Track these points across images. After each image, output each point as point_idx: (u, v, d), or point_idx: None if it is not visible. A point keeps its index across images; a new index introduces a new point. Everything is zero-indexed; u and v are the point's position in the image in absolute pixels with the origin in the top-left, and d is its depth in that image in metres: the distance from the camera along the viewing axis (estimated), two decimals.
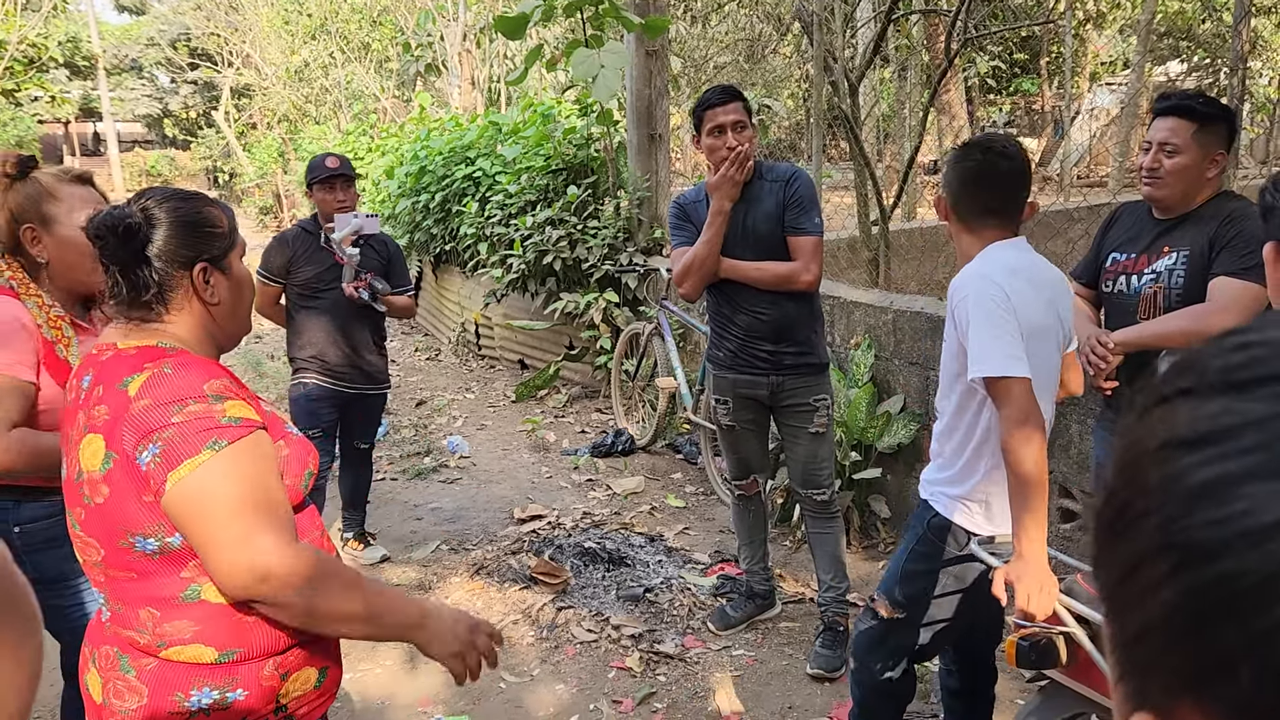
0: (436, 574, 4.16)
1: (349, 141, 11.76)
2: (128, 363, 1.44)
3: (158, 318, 1.51)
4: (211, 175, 29.63)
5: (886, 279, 5.55)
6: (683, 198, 3.45)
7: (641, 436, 5.75)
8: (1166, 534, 0.38)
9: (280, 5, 18.27)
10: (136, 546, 1.41)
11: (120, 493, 1.39)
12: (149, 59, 33.50)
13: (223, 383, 1.45)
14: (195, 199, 1.56)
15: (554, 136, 6.78)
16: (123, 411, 1.38)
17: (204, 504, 1.35)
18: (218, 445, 1.37)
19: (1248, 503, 0.35)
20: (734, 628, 3.61)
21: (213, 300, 1.53)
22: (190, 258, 1.50)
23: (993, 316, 2.07)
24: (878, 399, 4.26)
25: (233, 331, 1.61)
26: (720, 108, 3.12)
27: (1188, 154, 2.56)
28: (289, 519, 1.45)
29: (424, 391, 7.33)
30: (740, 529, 3.67)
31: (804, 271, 3.16)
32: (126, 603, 1.46)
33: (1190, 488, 0.38)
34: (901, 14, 6.17)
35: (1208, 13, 13.50)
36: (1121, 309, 2.75)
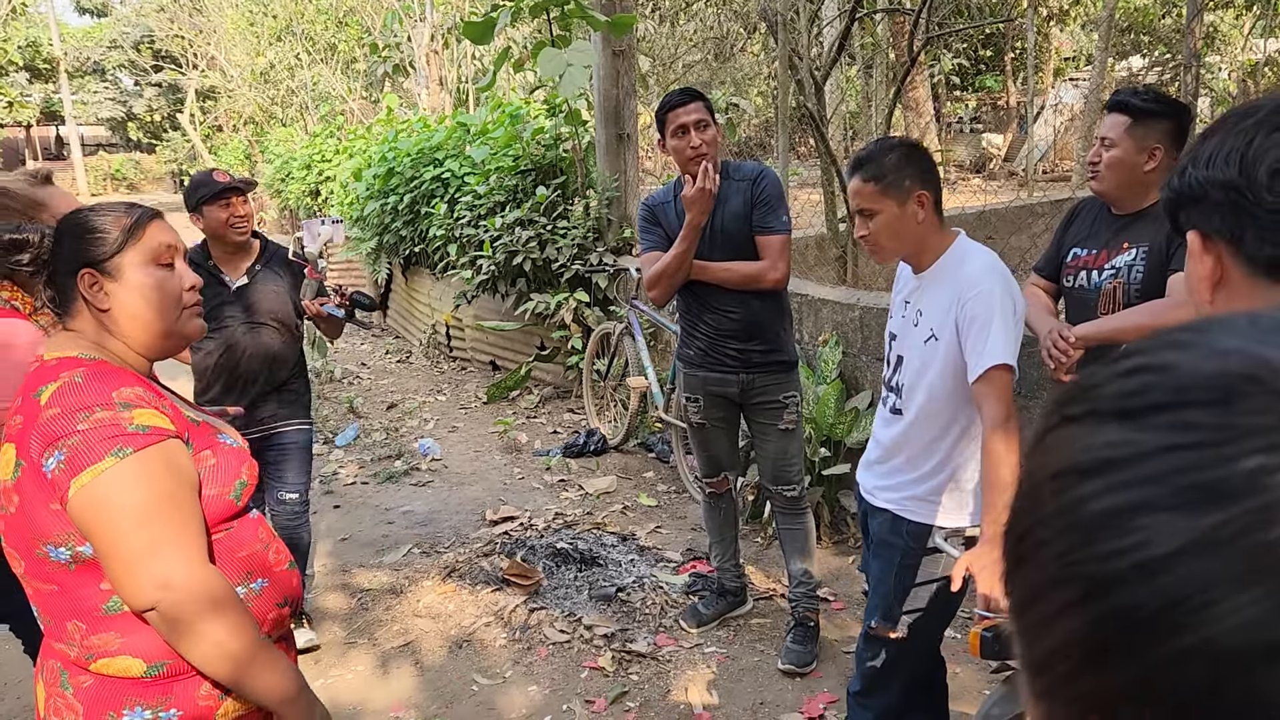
0: (408, 578, 4.15)
1: (316, 144, 11.67)
2: (46, 373, 1.43)
3: (68, 326, 1.52)
4: (177, 178, 29.30)
5: (855, 276, 5.60)
6: (651, 199, 3.45)
7: (613, 436, 5.76)
8: (1064, 565, 0.39)
9: (245, 7, 18.10)
10: (51, 556, 1.39)
11: (29, 501, 1.38)
12: (112, 61, 33.08)
13: (135, 391, 1.43)
14: (97, 208, 1.55)
15: (522, 137, 6.77)
16: (33, 420, 1.38)
17: (106, 511, 1.34)
18: (122, 453, 1.35)
19: (1142, 535, 0.36)
20: (706, 625, 3.63)
21: (101, 306, 1.50)
22: (75, 264, 1.49)
23: (1011, 312, 2.12)
24: (846, 395, 4.30)
25: (145, 340, 1.54)
26: (681, 108, 3.14)
27: (1121, 147, 2.64)
28: (198, 532, 1.43)
29: (395, 394, 7.30)
30: (711, 527, 3.69)
31: (771, 270, 3.19)
32: (54, 616, 1.45)
33: (1086, 519, 0.38)
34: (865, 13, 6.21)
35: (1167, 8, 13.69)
36: (1082, 304, 2.79)
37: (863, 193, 2.21)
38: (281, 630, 1.67)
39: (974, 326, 2.12)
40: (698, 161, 3.12)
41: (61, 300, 1.51)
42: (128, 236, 1.51)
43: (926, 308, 2.26)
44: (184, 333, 1.59)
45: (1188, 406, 0.37)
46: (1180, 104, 2.74)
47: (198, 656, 1.40)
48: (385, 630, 3.75)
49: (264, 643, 1.48)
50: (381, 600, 3.97)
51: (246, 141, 18.86)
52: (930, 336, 2.24)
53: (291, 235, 14.41)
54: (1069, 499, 0.39)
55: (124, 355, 1.53)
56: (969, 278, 2.17)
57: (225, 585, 1.43)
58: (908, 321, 2.32)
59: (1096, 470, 0.38)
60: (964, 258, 2.22)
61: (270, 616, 1.60)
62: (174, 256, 1.57)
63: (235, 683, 1.44)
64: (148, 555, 1.35)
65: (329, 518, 4.89)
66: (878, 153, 2.23)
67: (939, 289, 2.23)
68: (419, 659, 3.54)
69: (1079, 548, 0.38)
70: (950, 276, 2.21)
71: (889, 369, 2.41)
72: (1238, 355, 0.38)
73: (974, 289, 2.14)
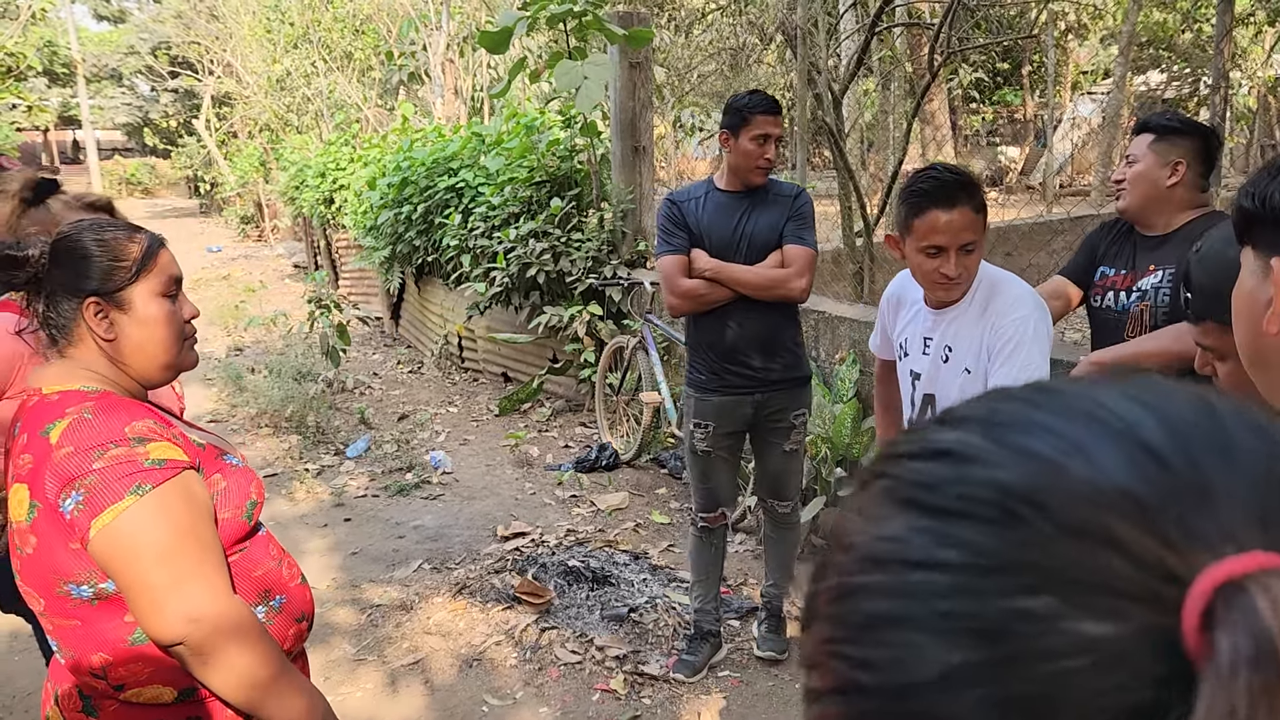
0: (418, 593, 4.11)
1: (331, 151, 11.67)
2: (50, 409, 1.40)
3: (64, 352, 1.48)
4: (192, 184, 29.42)
5: (871, 293, 5.54)
6: (678, 194, 3.32)
7: (626, 451, 5.71)
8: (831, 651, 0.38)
9: (262, 14, 18.16)
10: (73, 594, 1.38)
11: (48, 541, 1.36)
12: (129, 67, 33.28)
13: (146, 424, 1.40)
14: (102, 230, 1.49)
15: (537, 148, 6.74)
16: (45, 460, 1.35)
17: (130, 550, 1.32)
18: (141, 490, 1.33)
19: (896, 652, 0.35)
20: (700, 673, 3.46)
21: (107, 336, 1.47)
22: (80, 292, 1.45)
23: (1045, 342, 2.05)
24: (863, 415, 4.24)
25: (146, 371, 1.52)
26: (771, 117, 3.09)
27: (1144, 162, 2.63)
28: (220, 563, 1.41)
29: (406, 405, 7.27)
30: (697, 564, 3.53)
31: (796, 278, 3.14)
32: (77, 650, 1.42)
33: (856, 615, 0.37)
34: (885, 26, 6.17)
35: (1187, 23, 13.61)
36: (1109, 325, 2.74)
37: (973, 225, 2.05)
38: (299, 645, 1.67)
39: (1004, 354, 2.05)
40: (758, 172, 3.12)
41: (59, 325, 1.47)
42: (140, 268, 1.48)
43: (957, 342, 2.17)
44: (183, 365, 1.58)
45: (967, 519, 0.36)
46: (1204, 126, 2.71)
47: (224, 686, 1.39)
48: (395, 647, 3.70)
49: (288, 666, 1.47)
50: (392, 616, 3.93)
51: (261, 148, 18.91)
52: (965, 371, 2.16)
53: (305, 243, 14.45)
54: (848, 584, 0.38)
55: (124, 384, 1.50)
56: (1003, 306, 2.10)
57: (249, 614, 1.42)
58: (934, 359, 2.23)
59: (875, 563, 0.37)
60: (995, 287, 2.15)
61: (290, 633, 1.61)
62: (177, 287, 1.56)
63: (261, 709, 1.43)
64: (173, 591, 1.33)
65: (340, 531, 4.86)
66: (966, 181, 2.07)
67: (970, 321, 2.15)
68: (429, 678, 3.49)
69: (844, 642, 0.38)
70: (981, 307, 2.14)
71: (913, 410, 2.33)
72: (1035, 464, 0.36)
73: (1008, 315, 2.08)
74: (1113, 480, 0.34)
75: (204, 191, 27.05)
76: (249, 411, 6.78)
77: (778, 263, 3.16)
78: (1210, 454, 0.35)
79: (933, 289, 2.17)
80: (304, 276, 13.55)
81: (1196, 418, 0.37)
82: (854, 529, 0.40)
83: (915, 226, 2.07)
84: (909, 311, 2.33)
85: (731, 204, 3.21)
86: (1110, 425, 0.36)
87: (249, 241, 20.42)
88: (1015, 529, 0.34)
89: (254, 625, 1.41)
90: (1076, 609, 0.32)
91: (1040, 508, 0.34)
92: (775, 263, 3.16)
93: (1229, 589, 0.31)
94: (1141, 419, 0.36)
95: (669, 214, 3.27)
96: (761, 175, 3.16)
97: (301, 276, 13.98)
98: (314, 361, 7.56)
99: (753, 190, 3.21)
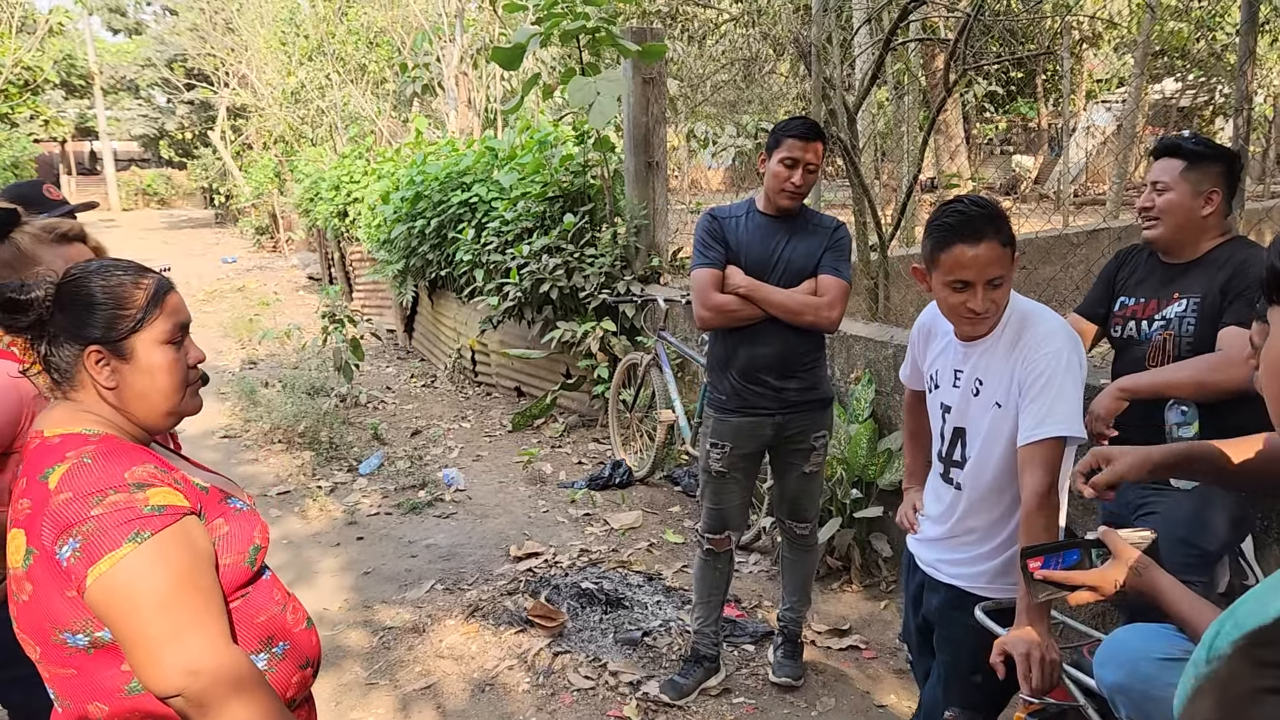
0: (431, 615, 4.08)
1: (345, 164, 11.71)
2: (51, 452, 1.38)
3: (67, 395, 1.46)
4: (208, 195, 29.60)
5: (886, 310, 5.51)
6: (720, 211, 3.30)
7: (639, 468, 5.68)
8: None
9: (277, 27, 18.27)
10: (69, 643, 1.35)
11: (43, 589, 1.33)
12: (145, 79, 33.53)
13: (147, 469, 1.37)
14: (108, 274, 1.45)
15: (551, 163, 6.74)
16: (43, 505, 1.32)
17: (128, 599, 1.29)
18: (140, 537, 1.30)
19: None
20: (688, 696, 3.41)
21: (108, 385, 1.44)
22: (83, 339, 1.42)
23: (1078, 378, 2.00)
24: (879, 435, 4.20)
25: (147, 418, 1.49)
26: (804, 142, 3.06)
27: (1177, 190, 2.58)
28: (220, 611, 1.38)
29: (419, 420, 7.26)
30: (701, 586, 3.49)
31: (828, 308, 3.12)
32: (73, 699, 1.40)
33: None
34: (900, 42, 6.14)
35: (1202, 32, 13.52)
36: (1130, 355, 2.70)
37: (1000, 259, 1.99)
38: (304, 692, 1.63)
39: (1035, 388, 2.00)
40: (784, 195, 3.10)
41: (61, 369, 1.45)
42: (144, 316, 1.45)
43: (987, 376, 2.12)
44: (185, 411, 1.55)
45: None
46: (1229, 150, 2.67)
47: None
48: (407, 671, 3.68)
49: (288, 718, 1.44)
50: (404, 639, 3.91)
51: (276, 160, 19.00)
52: (995, 405, 2.11)
53: (320, 255, 14.50)
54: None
55: (127, 428, 1.48)
56: (1036, 339, 2.05)
57: (249, 664, 1.38)
58: (964, 391, 2.18)
59: None
60: (1026, 319, 2.10)
61: (294, 680, 1.57)
62: (184, 333, 1.52)
63: None
64: (171, 641, 1.30)
65: (352, 549, 4.84)
66: (993, 214, 2.02)
67: (1000, 354, 2.10)
68: (441, 703, 3.47)
69: None
70: (1013, 340, 2.09)
71: (943, 442, 2.28)
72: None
73: (1041, 349, 2.02)
74: None
75: (219, 202, 27.21)
76: (262, 427, 6.78)
77: (811, 291, 3.15)
78: None
79: (959, 323, 2.13)
80: (318, 288, 13.58)
81: None
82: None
83: (941, 261, 2.03)
84: (940, 343, 2.29)
85: (772, 228, 3.20)
86: None
87: (264, 252, 20.50)
88: None
89: (254, 676, 1.38)
90: None
91: None
92: (809, 290, 3.15)
93: None
94: None
95: (709, 228, 3.24)
96: (788, 199, 3.12)
97: (316, 288, 14.02)
98: (327, 376, 7.56)
99: (794, 217, 3.20)
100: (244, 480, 5.68)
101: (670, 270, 6.37)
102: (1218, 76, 14.38)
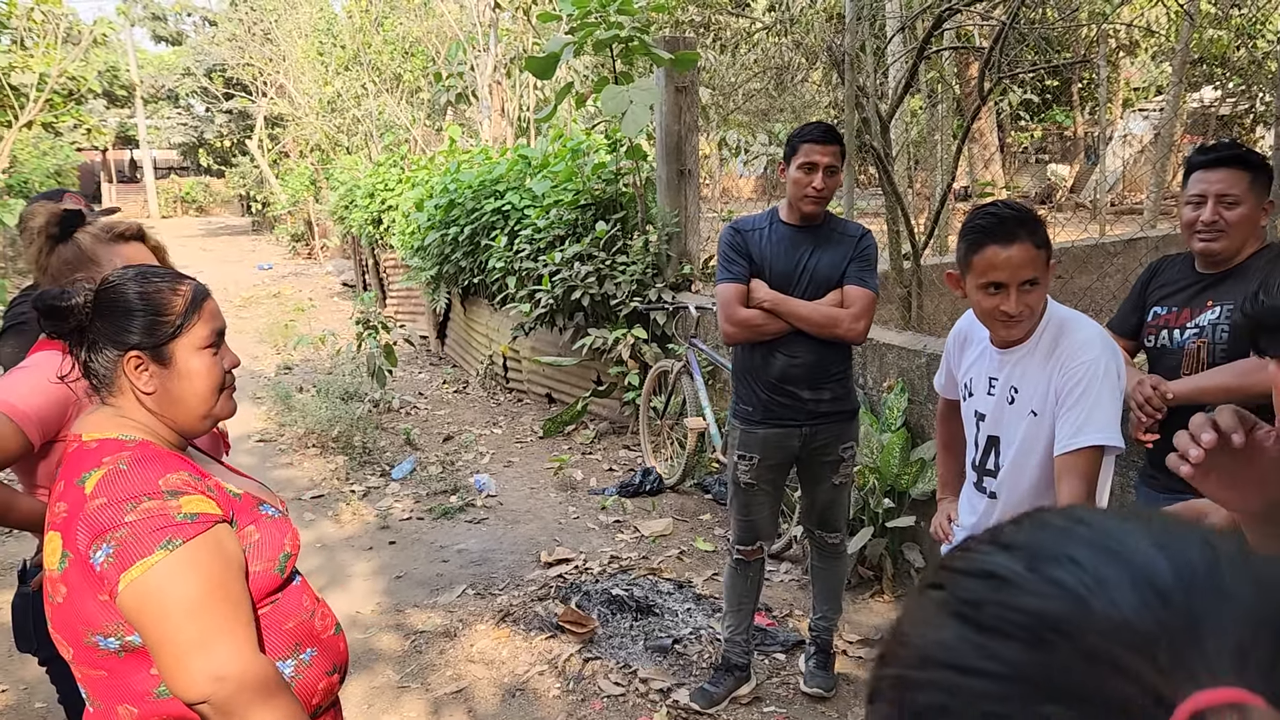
0: (462, 620, 4.11)
1: (380, 172, 11.83)
2: (88, 457, 1.40)
3: (105, 399, 1.49)
4: (245, 202, 29.99)
5: (919, 318, 5.48)
6: (741, 223, 3.27)
7: (670, 475, 5.68)
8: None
9: (314, 37, 18.51)
10: (100, 645, 1.37)
11: (77, 592, 1.36)
12: (185, 88, 34.04)
13: (181, 476, 1.40)
14: (146, 281, 1.48)
15: (583, 171, 6.77)
16: (79, 510, 1.35)
17: (158, 605, 1.31)
18: (172, 544, 1.32)
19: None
20: (718, 705, 3.40)
21: (146, 390, 1.46)
22: (122, 345, 1.45)
23: (1116, 386, 1.98)
24: (911, 444, 4.18)
25: (184, 423, 1.52)
26: (820, 145, 3.05)
27: (1246, 204, 2.53)
28: (248, 620, 1.40)
29: (451, 426, 7.31)
30: (731, 595, 3.48)
31: (854, 321, 3.10)
32: (104, 700, 1.42)
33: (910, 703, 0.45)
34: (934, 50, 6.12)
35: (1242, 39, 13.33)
36: (1165, 364, 2.67)
37: (1033, 261, 1.98)
38: (331, 698, 1.64)
39: (1072, 396, 1.99)
40: (807, 201, 3.08)
41: (100, 374, 1.48)
42: (182, 322, 1.48)
43: (1023, 384, 2.11)
44: (220, 415, 1.57)
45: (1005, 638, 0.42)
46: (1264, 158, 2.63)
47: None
48: (438, 675, 3.70)
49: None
50: (435, 643, 3.93)
51: (312, 168, 19.22)
52: (1031, 413, 2.09)
53: (354, 262, 14.64)
54: (907, 677, 0.45)
55: (164, 434, 1.50)
56: (1073, 347, 2.03)
57: (275, 672, 1.40)
58: (999, 399, 2.17)
59: (930, 663, 0.44)
60: (1063, 327, 2.08)
61: (321, 687, 1.58)
62: (220, 338, 1.55)
63: None
64: (199, 648, 1.31)
65: (384, 554, 4.88)
66: (1026, 217, 2.00)
67: (1037, 362, 2.09)
68: (472, 707, 3.49)
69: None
70: (1050, 348, 2.07)
71: (977, 451, 2.27)
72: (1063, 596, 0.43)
73: (1078, 358, 2.01)
74: (1124, 615, 0.41)
75: (256, 210, 27.56)
76: (297, 431, 6.86)
77: (837, 301, 3.13)
78: (1206, 596, 0.41)
79: (994, 327, 2.12)
80: (352, 295, 13.71)
81: (1201, 562, 0.43)
82: (913, 629, 0.47)
83: (974, 263, 2.02)
84: (975, 350, 2.28)
85: (796, 238, 3.17)
86: (1130, 564, 0.43)
87: (299, 259, 20.74)
88: (1043, 651, 0.41)
89: (279, 685, 1.39)
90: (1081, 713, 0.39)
91: (1065, 635, 0.41)
92: (834, 301, 3.13)
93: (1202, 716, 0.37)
94: (1155, 561, 0.43)
95: (732, 241, 3.21)
96: (811, 205, 3.10)
97: (350, 294, 14.16)
98: (361, 381, 7.63)
99: (817, 226, 3.18)
100: (278, 484, 5.75)
101: (701, 278, 6.38)
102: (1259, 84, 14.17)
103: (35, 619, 2.04)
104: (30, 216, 2.21)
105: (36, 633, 2.05)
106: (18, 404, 1.88)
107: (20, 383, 1.93)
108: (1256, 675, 0.39)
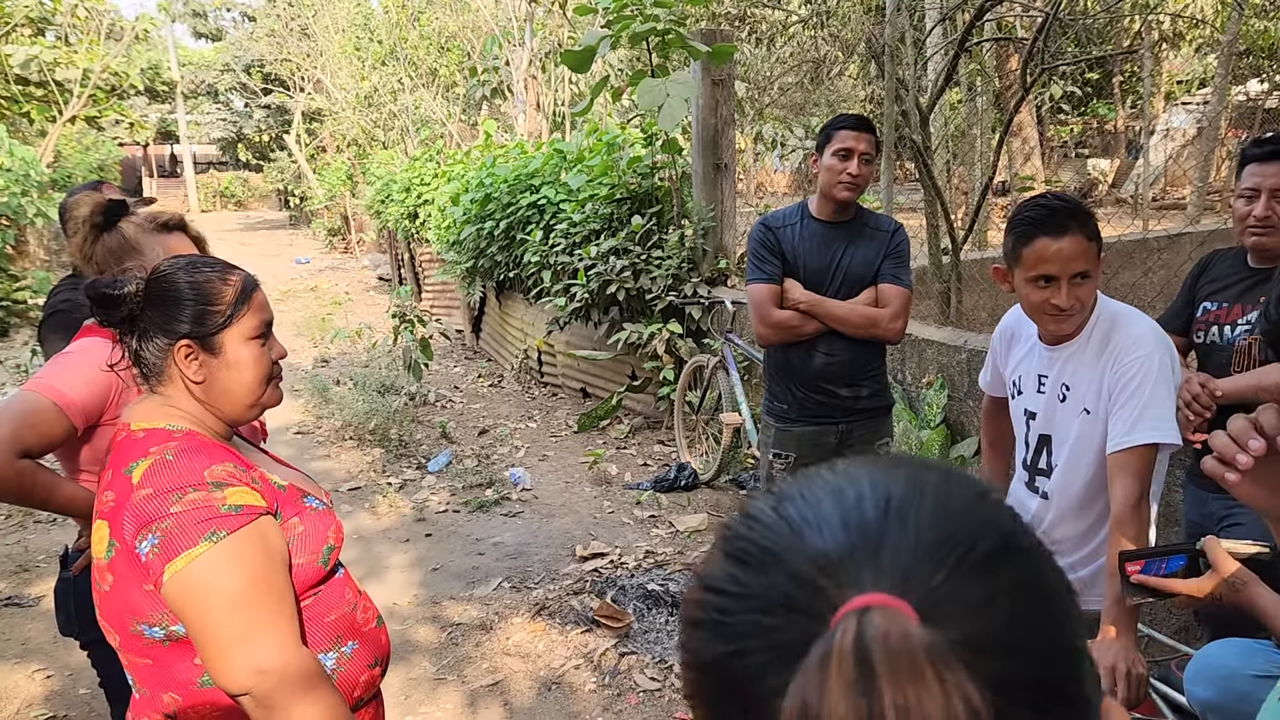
0: (498, 613, 4.12)
1: (416, 167, 11.90)
2: (136, 447, 1.41)
3: (154, 388, 1.49)
4: (283, 197, 30.30)
5: (958, 313, 5.42)
6: (771, 219, 3.21)
7: (705, 471, 5.66)
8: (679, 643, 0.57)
9: (351, 32, 18.64)
10: (145, 634, 1.38)
11: (123, 581, 1.37)
12: (224, 84, 34.46)
13: (226, 468, 1.40)
14: (196, 270, 1.48)
15: (618, 165, 6.76)
16: (125, 499, 1.35)
17: (201, 597, 1.31)
18: (216, 536, 1.32)
19: (696, 643, 0.54)
20: None
21: (195, 379, 1.47)
22: (173, 334, 1.45)
23: (1170, 382, 1.93)
24: (951, 441, 4.13)
25: (232, 412, 1.52)
26: (854, 132, 3.01)
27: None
28: (291, 613, 1.40)
29: (486, 420, 7.34)
30: None
31: (892, 320, 3.07)
32: (149, 687, 1.43)
33: (688, 618, 0.56)
34: (975, 42, 6.04)
35: None
36: (1215, 361, 2.61)
37: (1085, 253, 1.93)
38: (372, 691, 1.64)
39: (1125, 393, 1.94)
40: (841, 188, 3.03)
41: (150, 363, 1.48)
42: (233, 312, 1.48)
43: (1075, 381, 2.06)
44: (267, 404, 1.58)
45: (742, 564, 0.53)
46: None
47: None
48: (474, 668, 3.72)
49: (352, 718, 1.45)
50: (471, 635, 3.95)
51: (349, 163, 19.38)
52: (1084, 411, 2.04)
53: (390, 256, 14.74)
54: (692, 599, 0.56)
55: (211, 424, 1.51)
56: (1126, 342, 1.98)
57: (318, 666, 1.40)
58: (1050, 397, 2.12)
59: (698, 585, 0.56)
60: (1114, 322, 2.03)
61: (362, 679, 1.58)
62: (269, 329, 1.56)
63: None
64: (242, 641, 1.32)
65: (421, 546, 4.91)
66: (1076, 208, 1.96)
67: (1089, 359, 2.04)
68: (508, 700, 3.49)
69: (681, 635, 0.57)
70: (1101, 344, 2.02)
71: (1027, 450, 2.21)
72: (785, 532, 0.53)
73: (1132, 353, 1.96)
74: (825, 545, 0.51)
75: (293, 204, 27.85)
76: (334, 424, 6.91)
77: (872, 299, 3.09)
78: (893, 525, 0.51)
79: (1044, 322, 2.07)
80: (388, 289, 13.81)
81: (899, 497, 0.53)
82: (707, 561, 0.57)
83: (1024, 256, 1.97)
84: (1023, 348, 2.23)
85: (828, 234, 3.12)
86: (843, 502, 0.53)
87: (335, 253, 20.93)
88: (764, 574, 0.52)
89: (321, 678, 1.39)
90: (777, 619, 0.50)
91: (781, 561, 0.52)
92: (869, 299, 3.09)
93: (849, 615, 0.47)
94: (865, 496, 0.53)
95: (762, 239, 3.16)
96: (845, 191, 3.03)
97: (386, 289, 14.26)
98: (397, 375, 7.68)
99: (849, 221, 3.13)
100: (315, 476, 5.78)
101: (737, 272, 6.35)
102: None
103: (77, 603, 2.07)
104: (74, 206, 2.24)
105: (79, 617, 2.08)
106: (66, 391, 1.91)
107: (67, 369, 1.96)
108: (913, 587, 0.48)
